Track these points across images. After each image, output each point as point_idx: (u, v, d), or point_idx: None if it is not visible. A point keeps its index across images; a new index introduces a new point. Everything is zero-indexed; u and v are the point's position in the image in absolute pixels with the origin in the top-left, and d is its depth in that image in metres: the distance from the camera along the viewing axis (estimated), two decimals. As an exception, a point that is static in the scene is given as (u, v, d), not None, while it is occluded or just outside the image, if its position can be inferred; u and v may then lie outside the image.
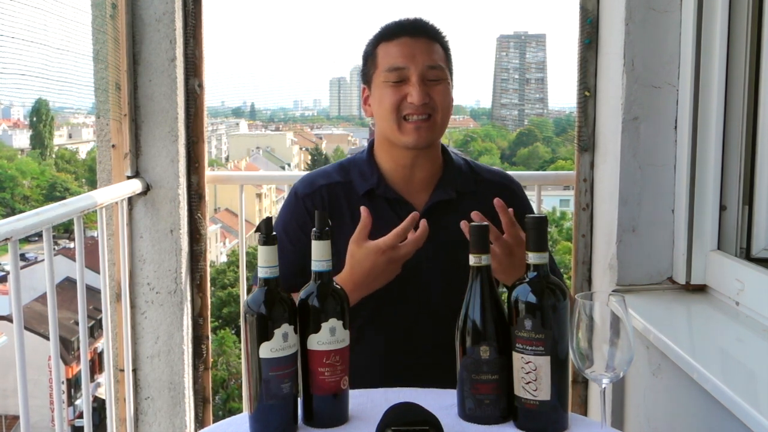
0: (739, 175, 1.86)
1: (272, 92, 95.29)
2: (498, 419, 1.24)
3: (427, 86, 1.56)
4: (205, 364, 2.46)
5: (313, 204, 1.63)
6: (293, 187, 1.70)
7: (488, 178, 1.71)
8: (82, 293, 1.91)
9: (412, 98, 1.55)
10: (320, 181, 1.66)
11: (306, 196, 1.65)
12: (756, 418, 1.21)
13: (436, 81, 1.58)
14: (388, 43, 1.60)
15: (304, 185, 1.67)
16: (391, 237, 1.45)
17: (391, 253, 1.44)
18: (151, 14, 2.27)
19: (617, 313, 1.13)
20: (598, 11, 2.17)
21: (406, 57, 1.56)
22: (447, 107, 1.60)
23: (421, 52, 1.57)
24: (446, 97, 1.59)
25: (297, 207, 1.65)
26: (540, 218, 1.22)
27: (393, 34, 1.60)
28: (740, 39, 1.83)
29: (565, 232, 19.50)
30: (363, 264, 1.46)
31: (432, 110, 1.57)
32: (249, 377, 1.20)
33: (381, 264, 1.45)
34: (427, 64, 1.56)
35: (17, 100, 5.32)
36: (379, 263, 1.45)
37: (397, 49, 1.58)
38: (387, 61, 1.58)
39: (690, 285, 1.93)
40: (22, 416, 1.62)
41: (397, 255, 1.45)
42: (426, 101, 1.55)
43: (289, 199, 1.69)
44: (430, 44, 1.59)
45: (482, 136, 34.31)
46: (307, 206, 1.63)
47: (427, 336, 1.59)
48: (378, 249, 1.44)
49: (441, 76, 1.58)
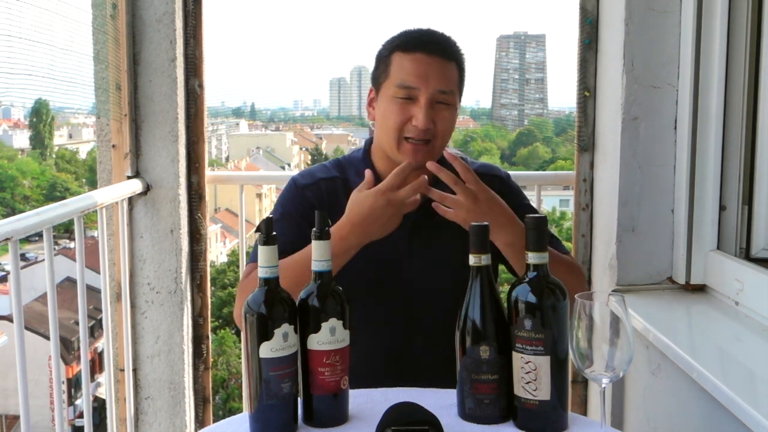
0: (739, 175, 1.86)
1: (272, 92, 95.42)
2: (498, 419, 1.24)
3: (434, 110, 1.55)
4: (205, 364, 2.46)
5: (313, 195, 1.63)
6: (291, 179, 1.69)
7: (479, 170, 1.72)
8: (82, 293, 1.91)
9: (417, 121, 1.53)
10: (319, 174, 1.67)
11: (306, 186, 1.65)
12: (755, 418, 1.21)
13: (444, 104, 1.56)
14: (403, 54, 1.56)
15: (304, 177, 1.68)
16: (390, 178, 1.47)
17: (389, 194, 1.46)
18: (151, 14, 2.27)
19: (617, 313, 1.14)
20: (597, 11, 2.17)
21: (418, 77, 1.54)
22: (449, 132, 1.60)
23: (435, 73, 1.54)
24: (450, 123, 1.58)
25: (298, 195, 1.64)
26: (540, 218, 1.22)
27: (409, 47, 1.57)
28: (740, 39, 1.83)
29: (565, 232, 19.49)
30: (362, 204, 1.47)
31: (433, 136, 1.56)
32: (249, 377, 1.20)
33: (380, 206, 1.46)
34: (438, 89, 1.54)
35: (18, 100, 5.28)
36: (378, 204, 1.46)
37: (412, 65, 1.55)
38: (399, 76, 1.55)
39: (689, 285, 1.93)
40: (22, 416, 1.62)
41: (395, 197, 1.46)
42: (430, 126, 1.54)
43: (288, 189, 1.68)
44: (445, 65, 1.56)
45: (482, 136, 34.30)
46: (308, 196, 1.63)
47: (426, 335, 1.59)
48: (377, 190, 1.47)
49: (450, 101, 1.57)
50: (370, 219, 1.47)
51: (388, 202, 1.46)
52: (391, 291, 1.59)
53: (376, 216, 1.46)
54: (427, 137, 1.55)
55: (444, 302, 1.42)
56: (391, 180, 1.47)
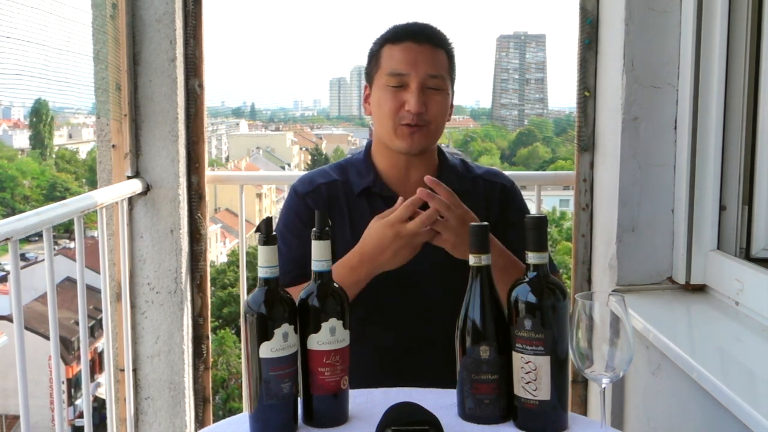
0: (739, 175, 1.86)
1: (272, 92, 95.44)
2: (498, 419, 1.24)
3: (425, 94, 1.57)
4: (205, 364, 2.46)
5: (314, 201, 1.64)
6: (292, 187, 1.71)
7: (482, 176, 1.73)
8: (82, 293, 1.91)
9: (409, 106, 1.56)
10: (319, 180, 1.68)
11: (306, 194, 1.66)
12: (755, 418, 1.21)
13: (435, 90, 1.58)
14: (392, 45, 1.60)
15: (304, 184, 1.68)
16: (400, 210, 1.46)
17: (398, 227, 1.45)
18: (151, 14, 2.27)
19: (617, 313, 1.14)
20: (597, 11, 2.17)
21: (408, 63, 1.57)
22: (443, 117, 1.62)
23: (424, 59, 1.57)
24: (443, 107, 1.61)
25: (299, 204, 1.66)
26: (540, 218, 1.22)
27: (398, 38, 1.61)
28: (740, 39, 1.83)
29: (565, 232, 19.51)
30: (372, 236, 1.48)
31: (426, 121, 1.58)
32: (249, 377, 1.20)
33: (388, 237, 1.45)
34: (428, 73, 1.57)
35: (17, 100, 5.27)
36: (386, 236, 1.45)
37: (401, 53, 1.58)
38: (389, 65, 1.59)
39: (690, 285, 1.93)
40: (22, 416, 1.62)
41: (404, 230, 1.45)
42: (422, 110, 1.56)
43: (289, 198, 1.70)
44: (434, 51, 1.60)
45: (482, 136, 34.30)
46: (309, 204, 1.64)
47: (426, 335, 1.59)
48: (387, 222, 1.46)
49: (441, 85, 1.59)
50: (379, 250, 1.47)
51: (397, 234, 1.45)
52: (391, 290, 1.59)
53: (384, 248, 1.46)
54: (420, 122, 1.57)
55: (444, 302, 1.42)
56: (401, 213, 1.45)
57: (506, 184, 1.73)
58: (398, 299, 1.59)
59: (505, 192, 1.70)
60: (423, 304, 1.60)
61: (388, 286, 1.59)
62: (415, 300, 1.60)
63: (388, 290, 1.59)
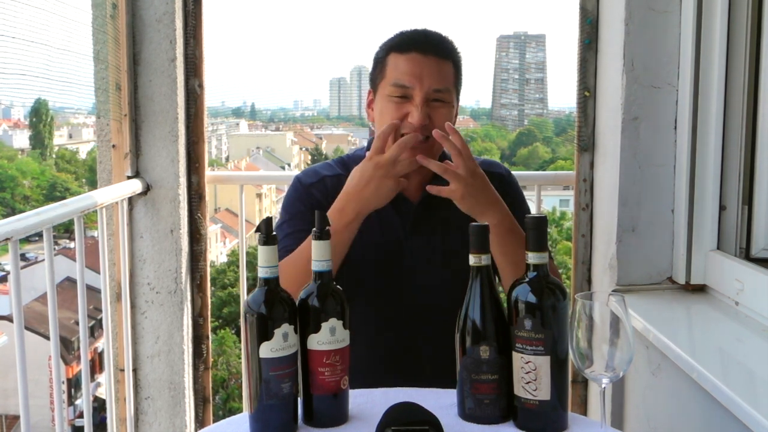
0: (739, 175, 1.86)
1: (272, 92, 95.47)
2: (498, 419, 1.24)
3: (429, 107, 1.55)
4: (205, 364, 2.46)
5: (319, 192, 1.63)
6: (296, 177, 1.69)
7: (480, 167, 1.72)
8: (82, 293, 1.91)
9: (412, 119, 1.54)
10: (324, 172, 1.67)
11: (312, 184, 1.65)
12: (755, 418, 1.21)
13: (439, 102, 1.56)
14: (398, 55, 1.58)
15: (309, 175, 1.68)
16: (375, 141, 1.50)
17: (376, 158, 1.48)
18: (151, 14, 2.27)
19: (617, 313, 1.14)
20: (597, 11, 2.17)
21: (413, 76, 1.54)
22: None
23: (429, 72, 1.55)
24: (447, 120, 1.58)
25: (304, 193, 1.65)
26: (540, 218, 1.22)
27: (404, 47, 1.58)
28: (740, 39, 1.83)
29: (565, 232, 19.49)
30: (354, 174, 1.51)
31: (430, 133, 1.55)
32: (249, 377, 1.20)
33: (368, 170, 1.48)
34: (433, 87, 1.55)
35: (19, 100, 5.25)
36: (366, 169, 1.49)
37: (406, 65, 1.56)
38: (394, 75, 1.56)
39: (690, 285, 1.93)
40: (22, 416, 1.62)
41: (382, 160, 1.47)
42: (425, 123, 1.54)
43: (293, 188, 1.68)
44: (440, 63, 1.57)
45: (482, 136, 34.29)
46: (314, 194, 1.63)
47: (426, 335, 1.59)
48: (366, 157, 1.50)
49: (446, 98, 1.57)
50: (362, 184, 1.49)
51: (377, 165, 1.48)
52: (392, 289, 1.59)
53: (366, 180, 1.48)
54: (424, 134, 1.55)
55: (445, 300, 1.42)
56: (376, 143, 1.50)
57: (504, 173, 1.72)
58: (398, 299, 1.59)
59: (503, 181, 1.70)
60: (423, 304, 1.60)
61: (388, 286, 1.59)
62: (415, 300, 1.60)
63: (389, 290, 1.59)
